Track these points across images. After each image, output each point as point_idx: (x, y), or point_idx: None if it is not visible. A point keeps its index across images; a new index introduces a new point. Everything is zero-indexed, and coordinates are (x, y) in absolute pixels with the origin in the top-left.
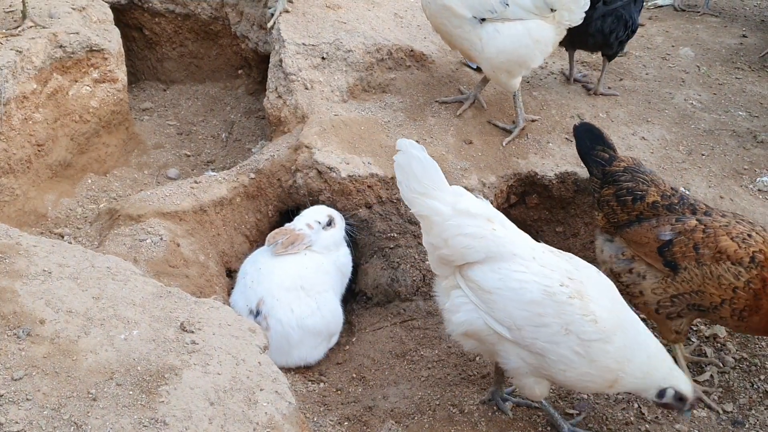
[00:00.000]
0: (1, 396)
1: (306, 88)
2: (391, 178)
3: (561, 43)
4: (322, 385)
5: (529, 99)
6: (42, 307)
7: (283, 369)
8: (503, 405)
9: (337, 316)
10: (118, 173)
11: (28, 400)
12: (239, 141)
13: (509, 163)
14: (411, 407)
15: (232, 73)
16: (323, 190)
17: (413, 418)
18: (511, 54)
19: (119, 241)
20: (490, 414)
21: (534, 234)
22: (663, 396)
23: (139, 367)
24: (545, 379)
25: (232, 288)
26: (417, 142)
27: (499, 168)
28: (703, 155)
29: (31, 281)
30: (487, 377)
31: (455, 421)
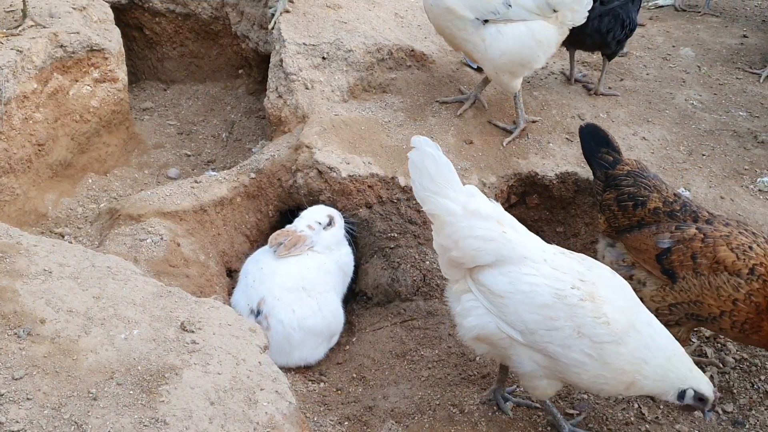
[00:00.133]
0: (2, 395)
1: (306, 87)
2: (392, 178)
3: (561, 43)
4: (322, 385)
5: (530, 99)
6: (42, 307)
7: (284, 369)
8: (504, 405)
9: (338, 316)
10: (118, 173)
11: (28, 399)
12: (239, 141)
13: (510, 163)
14: (411, 407)
15: (232, 73)
16: (323, 190)
17: (413, 417)
18: (514, 55)
19: (120, 241)
20: (490, 414)
21: (533, 233)
22: (683, 398)
23: (140, 367)
24: (559, 381)
25: (232, 288)
26: None
27: (500, 168)
28: (704, 155)
29: (32, 281)
30: (488, 377)
31: (455, 421)
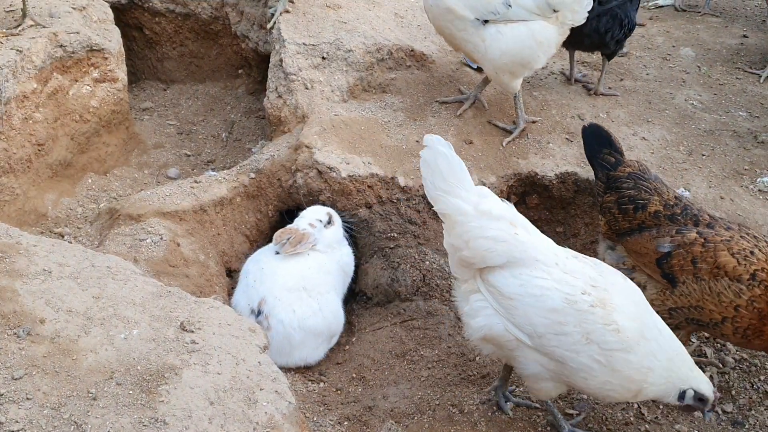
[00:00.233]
0: (2, 395)
1: (306, 87)
2: (391, 178)
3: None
4: (322, 385)
5: (530, 99)
6: (42, 307)
7: (284, 369)
8: (504, 404)
9: (339, 317)
10: (118, 173)
11: (28, 399)
12: (239, 141)
13: (509, 163)
14: (411, 407)
15: (232, 73)
16: (323, 190)
17: (413, 417)
18: (515, 56)
19: (119, 241)
20: (489, 414)
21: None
22: (683, 398)
23: (139, 367)
24: (565, 385)
25: (232, 288)
26: (417, 141)
27: (500, 168)
28: (704, 155)
29: (32, 280)
30: (487, 377)
31: (455, 421)
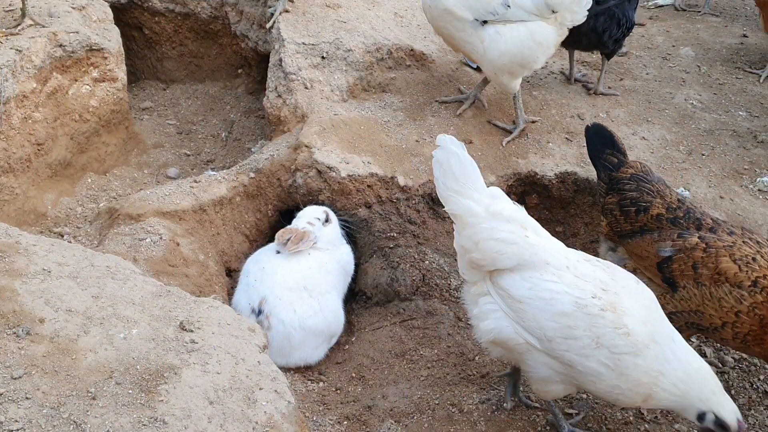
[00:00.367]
0: (1, 395)
1: (306, 87)
2: (391, 177)
3: None
4: (321, 385)
5: (529, 99)
6: (41, 306)
7: (283, 369)
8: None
9: (339, 317)
10: (117, 172)
11: (27, 398)
12: (239, 140)
13: (509, 163)
14: (410, 406)
15: (231, 73)
16: (323, 189)
17: (412, 417)
18: (514, 56)
19: (119, 241)
20: (489, 413)
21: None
22: (703, 420)
23: (139, 366)
24: (574, 387)
25: (231, 287)
26: (417, 141)
27: (499, 168)
28: (704, 155)
29: (31, 280)
30: (487, 377)
31: (454, 421)
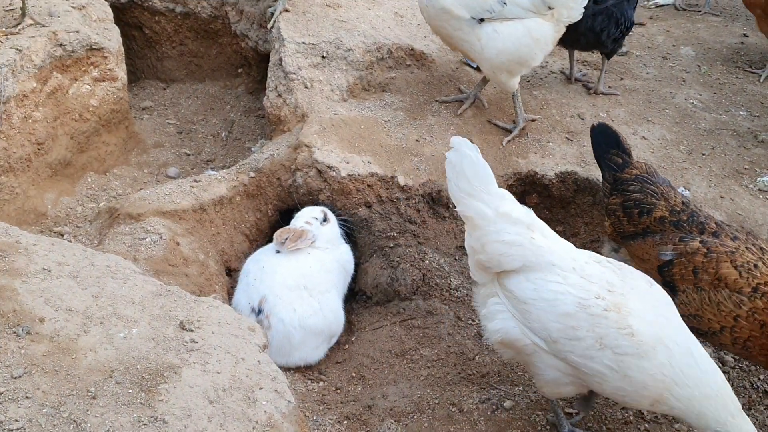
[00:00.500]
0: (1, 394)
1: (306, 87)
2: (391, 177)
3: (557, 43)
4: (321, 384)
5: (530, 98)
6: (41, 306)
7: (283, 368)
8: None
9: (339, 317)
10: (117, 172)
11: (27, 398)
12: (239, 140)
13: (509, 163)
14: (410, 406)
15: (232, 72)
16: (323, 189)
17: (412, 417)
18: (512, 54)
19: (119, 240)
20: (489, 413)
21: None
22: None
23: (139, 366)
24: (585, 388)
25: (231, 287)
26: (417, 141)
27: (499, 167)
28: (704, 155)
29: (31, 279)
30: (487, 376)
31: (454, 420)
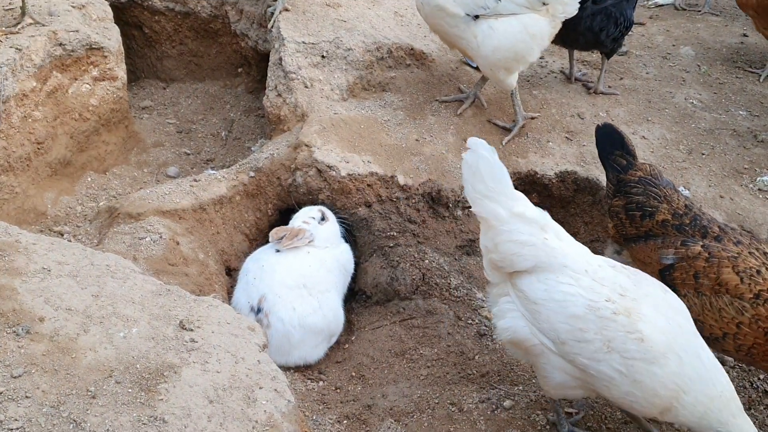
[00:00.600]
0: (1, 393)
1: (306, 86)
2: (391, 176)
3: (556, 42)
4: (321, 384)
5: (529, 98)
6: (41, 305)
7: (283, 368)
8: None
9: (339, 316)
10: (117, 171)
11: (27, 397)
12: (239, 139)
13: (509, 162)
14: (410, 406)
15: (231, 72)
16: (323, 188)
17: (412, 416)
18: (508, 50)
19: (119, 239)
20: (489, 413)
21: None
22: None
23: (139, 365)
24: (593, 393)
25: (231, 286)
26: (417, 140)
27: None
28: (704, 154)
29: (31, 279)
30: (486, 376)
31: (454, 420)
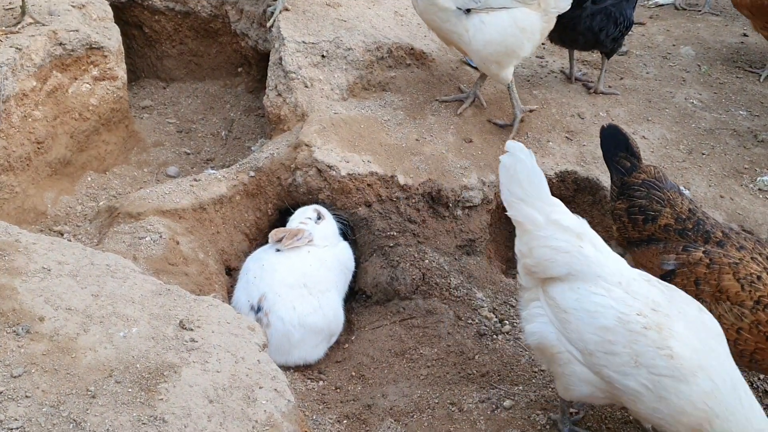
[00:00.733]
0: (1, 393)
1: (306, 86)
2: (391, 176)
3: (556, 42)
4: (321, 383)
5: (530, 98)
6: (41, 305)
7: (283, 367)
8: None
9: (339, 316)
10: (117, 171)
11: (27, 397)
12: (239, 139)
13: None
14: (410, 405)
15: (231, 71)
16: (323, 188)
17: (412, 416)
18: (499, 44)
19: (118, 239)
20: (488, 412)
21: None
22: None
23: (138, 365)
24: (618, 403)
25: (231, 286)
26: (417, 140)
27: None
28: (704, 154)
29: (31, 278)
30: (486, 376)
31: (454, 420)
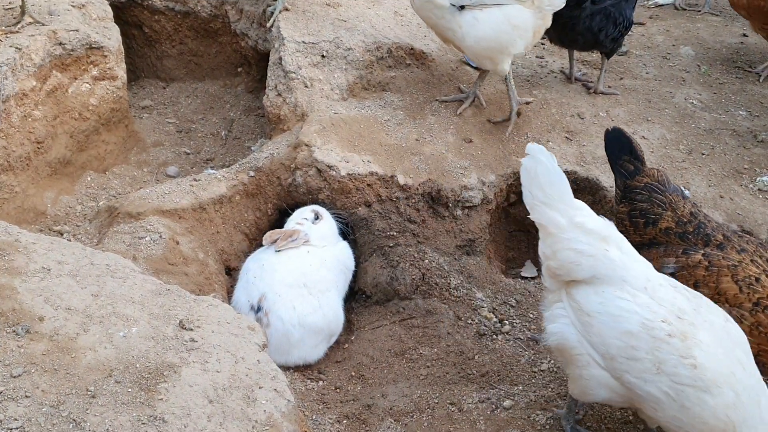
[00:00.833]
0: (0, 393)
1: (306, 86)
2: (391, 176)
3: (555, 42)
4: (321, 383)
5: (529, 97)
6: (41, 305)
7: (283, 367)
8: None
9: (339, 316)
10: (117, 171)
11: (27, 397)
12: (239, 139)
13: (509, 162)
14: (410, 405)
15: (231, 71)
16: (323, 188)
17: (412, 416)
18: (491, 41)
19: (118, 239)
20: (488, 412)
21: (533, 233)
22: None
23: (138, 365)
24: (635, 408)
25: (231, 286)
26: (417, 140)
27: (499, 167)
28: (704, 154)
29: (30, 278)
30: (486, 376)
31: (454, 420)
